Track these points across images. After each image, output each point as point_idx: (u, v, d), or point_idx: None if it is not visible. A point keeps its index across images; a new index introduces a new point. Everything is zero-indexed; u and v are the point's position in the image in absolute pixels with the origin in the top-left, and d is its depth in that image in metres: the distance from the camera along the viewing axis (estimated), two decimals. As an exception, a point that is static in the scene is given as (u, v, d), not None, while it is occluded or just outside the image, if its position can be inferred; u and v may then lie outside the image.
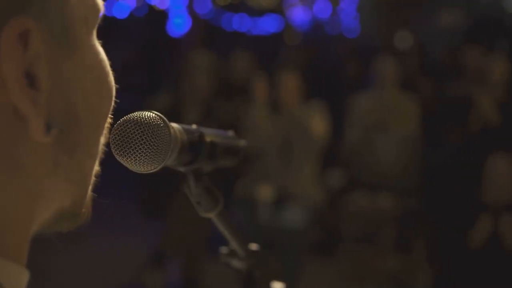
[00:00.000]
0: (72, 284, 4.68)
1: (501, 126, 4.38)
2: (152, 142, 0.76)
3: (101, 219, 0.90)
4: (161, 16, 9.90)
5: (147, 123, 0.76)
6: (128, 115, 0.76)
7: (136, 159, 0.76)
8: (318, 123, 4.41)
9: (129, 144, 0.74)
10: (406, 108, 4.94)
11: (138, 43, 9.96)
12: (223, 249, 1.12)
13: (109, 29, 12.15)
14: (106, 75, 0.62)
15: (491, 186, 3.89)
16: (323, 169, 4.82)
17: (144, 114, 0.78)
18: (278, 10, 11.27)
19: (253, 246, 1.11)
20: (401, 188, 4.75)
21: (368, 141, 4.89)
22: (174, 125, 0.83)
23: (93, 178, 0.64)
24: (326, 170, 5.03)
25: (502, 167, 3.91)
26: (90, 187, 0.64)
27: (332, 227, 5.02)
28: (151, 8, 10.15)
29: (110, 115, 0.66)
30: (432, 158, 4.90)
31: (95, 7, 0.61)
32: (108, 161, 0.80)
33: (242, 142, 1.05)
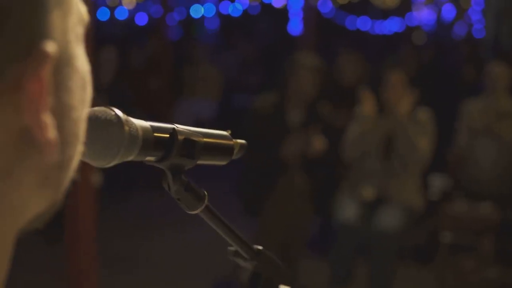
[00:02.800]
0: (170, 275, 4.87)
1: None
2: (101, 137, 0.80)
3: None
4: (281, 15, 9.96)
5: (97, 118, 0.80)
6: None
7: (88, 153, 0.78)
8: (423, 136, 4.34)
9: None
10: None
11: (257, 41, 10.12)
12: (232, 247, 1.10)
13: (227, 27, 12.38)
14: (88, 84, 0.62)
15: None
16: (427, 173, 4.74)
17: (100, 110, 0.81)
18: (402, 9, 11.08)
19: (258, 246, 1.08)
20: (505, 197, 4.60)
21: (474, 147, 4.78)
22: (139, 122, 0.86)
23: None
24: (430, 174, 4.95)
25: None
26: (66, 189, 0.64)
27: (431, 232, 4.93)
28: (266, 7, 10.22)
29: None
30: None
31: (83, 18, 0.62)
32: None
33: (238, 141, 1.05)
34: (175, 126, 0.93)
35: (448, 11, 11.33)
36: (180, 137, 0.92)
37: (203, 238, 5.36)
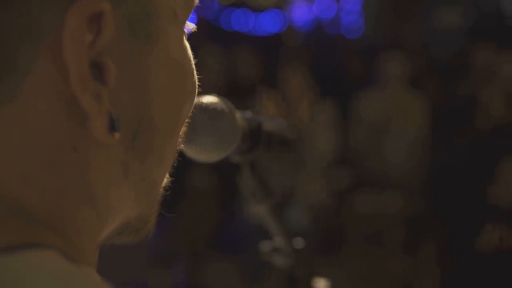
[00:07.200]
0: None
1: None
2: (214, 129, 0.71)
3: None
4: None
5: (212, 108, 0.71)
6: None
7: (201, 146, 0.71)
8: (326, 133, 4.36)
9: (194, 130, 0.67)
10: (413, 107, 4.86)
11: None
12: (264, 246, 1.08)
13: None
14: (191, 74, 0.55)
15: (501, 189, 3.82)
16: (330, 168, 4.75)
17: (209, 99, 0.72)
18: (282, 9, 11.21)
19: (297, 244, 1.07)
20: (409, 189, 4.68)
21: (375, 140, 4.82)
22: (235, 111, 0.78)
23: (162, 189, 0.59)
24: (333, 169, 4.96)
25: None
26: (158, 199, 0.59)
27: (338, 227, 4.95)
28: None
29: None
30: (440, 158, 4.83)
31: (188, 1, 0.55)
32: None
33: (294, 132, 0.98)
34: (255, 116, 0.85)
35: (327, 10, 11.57)
36: (265, 129, 0.84)
37: (108, 247, 5.14)
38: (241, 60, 5.44)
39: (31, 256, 0.44)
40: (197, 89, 0.57)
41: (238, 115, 0.76)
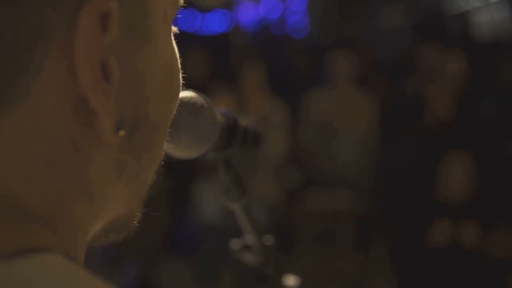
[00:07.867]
0: None
1: (457, 124, 4.38)
2: (195, 124, 0.70)
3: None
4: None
5: (192, 103, 0.70)
6: None
7: (181, 143, 0.69)
8: (278, 132, 4.36)
9: (173, 126, 0.65)
10: (362, 106, 4.90)
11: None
12: (233, 244, 1.07)
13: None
14: (178, 73, 0.56)
15: (447, 186, 3.88)
16: (280, 167, 4.76)
17: (188, 94, 0.70)
18: (228, 9, 11.21)
19: (267, 241, 1.07)
20: (359, 188, 4.71)
21: (323, 139, 4.84)
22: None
23: (148, 187, 0.58)
24: (283, 168, 4.96)
25: (457, 166, 3.90)
26: (144, 196, 0.58)
27: (289, 226, 4.95)
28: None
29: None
30: (388, 157, 4.88)
31: (175, 2, 0.56)
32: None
33: (262, 128, 0.98)
34: (231, 112, 0.83)
35: (273, 10, 11.60)
36: (241, 125, 0.84)
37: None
38: (189, 60, 5.39)
39: (38, 261, 0.44)
40: (181, 87, 0.58)
41: (216, 110, 0.75)
